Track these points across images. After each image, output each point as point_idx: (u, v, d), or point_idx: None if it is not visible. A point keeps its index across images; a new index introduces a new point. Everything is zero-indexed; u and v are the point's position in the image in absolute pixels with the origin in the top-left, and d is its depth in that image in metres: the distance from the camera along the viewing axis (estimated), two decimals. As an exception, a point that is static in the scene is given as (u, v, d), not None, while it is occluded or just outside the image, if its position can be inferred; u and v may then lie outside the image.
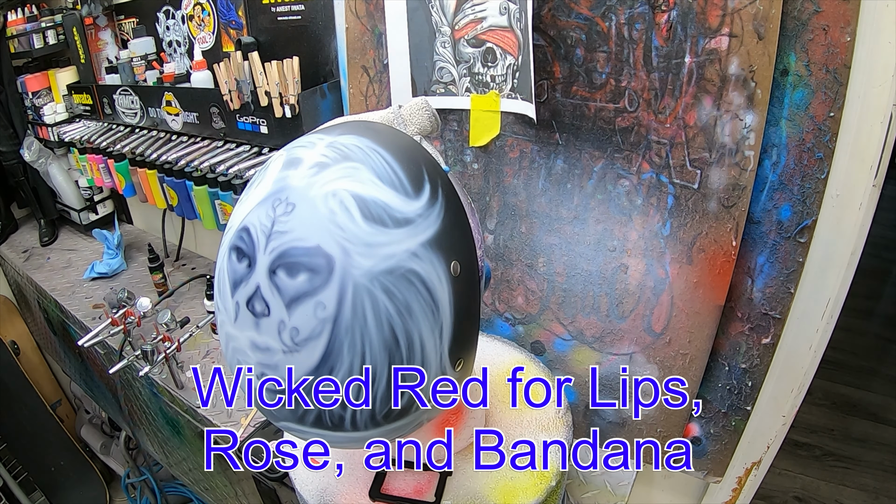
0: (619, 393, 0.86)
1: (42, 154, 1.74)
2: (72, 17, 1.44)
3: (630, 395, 0.80)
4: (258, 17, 1.06)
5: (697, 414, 0.76)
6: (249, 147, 1.13)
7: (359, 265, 0.40)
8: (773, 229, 0.68)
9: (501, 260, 0.91)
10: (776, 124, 0.64)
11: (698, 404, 0.75)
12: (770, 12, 0.59)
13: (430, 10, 0.83)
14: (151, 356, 1.12)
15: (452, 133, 0.89)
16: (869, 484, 1.68)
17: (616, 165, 0.76)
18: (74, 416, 2.16)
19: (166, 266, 1.56)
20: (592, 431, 0.85)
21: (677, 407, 0.76)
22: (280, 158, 0.45)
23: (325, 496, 0.60)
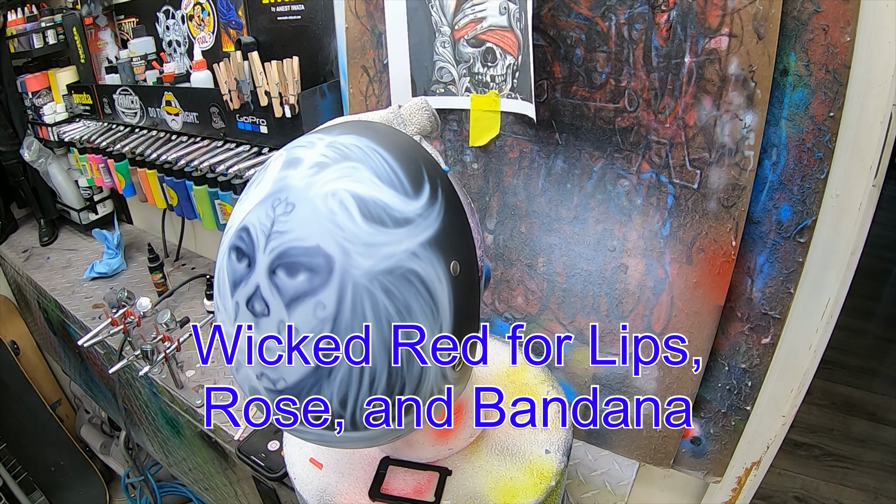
0: (618, 393, 0.86)
1: (42, 154, 1.74)
2: (72, 17, 1.44)
3: (630, 353, 0.79)
4: (258, 17, 1.06)
5: (697, 371, 0.75)
6: (249, 147, 1.13)
7: (358, 265, 0.40)
8: (772, 229, 0.68)
9: (501, 260, 0.91)
10: (776, 124, 0.64)
11: (698, 362, 0.74)
12: (770, 12, 0.59)
13: (429, 10, 0.83)
14: (151, 356, 1.12)
15: (452, 133, 0.89)
16: (869, 484, 1.68)
17: (616, 165, 0.76)
18: (74, 416, 2.16)
19: (166, 266, 1.56)
20: (592, 389, 0.84)
21: (677, 364, 0.75)
22: (280, 158, 0.45)
23: (325, 496, 0.60)
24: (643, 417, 0.85)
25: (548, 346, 0.74)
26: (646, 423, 0.85)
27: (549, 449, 0.63)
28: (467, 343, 0.48)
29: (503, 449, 0.64)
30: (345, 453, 0.65)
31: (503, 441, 0.65)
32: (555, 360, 0.85)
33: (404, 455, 0.63)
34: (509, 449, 0.64)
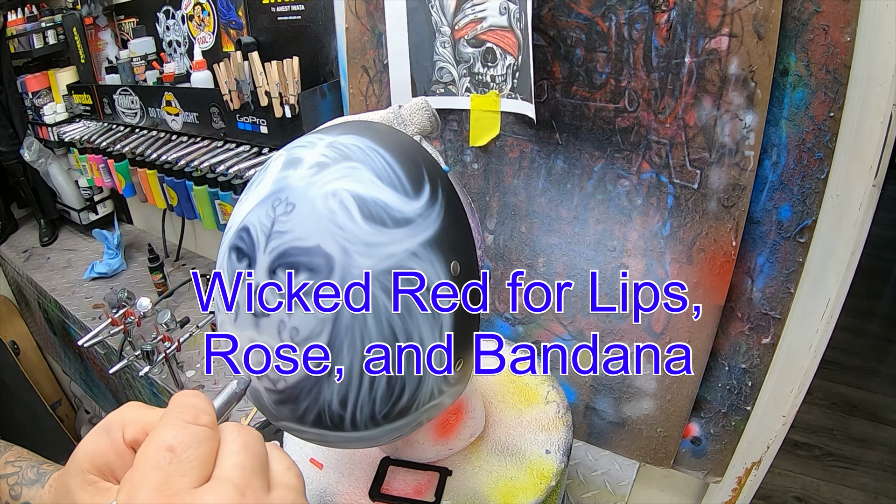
0: (618, 393, 0.86)
1: (42, 154, 1.74)
2: (72, 17, 1.44)
3: (630, 299, 0.78)
4: (258, 17, 1.06)
5: (697, 319, 0.74)
6: (249, 147, 1.13)
7: (358, 265, 0.40)
8: (773, 229, 0.68)
9: (501, 260, 0.91)
10: (776, 124, 0.64)
11: (698, 308, 0.73)
12: (770, 12, 0.59)
13: (430, 10, 0.83)
14: (151, 356, 1.12)
15: (452, 133, 0.89)
16: (869, 484, 1.68)
17: (616, 165, 0.76)
18: (74, 416, 2.16)
19: (166, 266, 1.56)
20: (592, 336, 0.84)
21: (677, 311, 0.74)
22: (280, 158, 0.45)
23: (325, 496, 0.60)
24: (643, 418, 0.85)
25: (547, 292, 0.73)
26: (646, 424, 0.85)
27: (550, 449, 0.63)
28: (467, 343, 0.48)
29: (503, 449, 0.64)
30: (345, 453, 0.65)
31: (503, 441, 0.65)
32: (554, 307, 0.84)
33: (404, 455, 0.63)
34: (509, 449, 0.64)
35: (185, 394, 0.28)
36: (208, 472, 0.25)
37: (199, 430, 0.26)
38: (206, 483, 0.24)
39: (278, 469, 0.28)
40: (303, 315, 0.40)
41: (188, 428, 0.26)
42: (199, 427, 0.26)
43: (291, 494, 0.26)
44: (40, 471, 0.50)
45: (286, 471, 0.28)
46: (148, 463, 0.24)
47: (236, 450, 0.26)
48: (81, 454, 0.27)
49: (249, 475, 0.25)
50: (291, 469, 0.28)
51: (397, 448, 0.62)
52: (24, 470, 0.50)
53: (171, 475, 0.24)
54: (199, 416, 0.26)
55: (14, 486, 0.49)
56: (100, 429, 0.28)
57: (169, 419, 0.26)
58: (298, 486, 0.27)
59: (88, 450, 0.27)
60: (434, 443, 0.62)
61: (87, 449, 0.27)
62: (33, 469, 0.50)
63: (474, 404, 0.65)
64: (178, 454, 0.24)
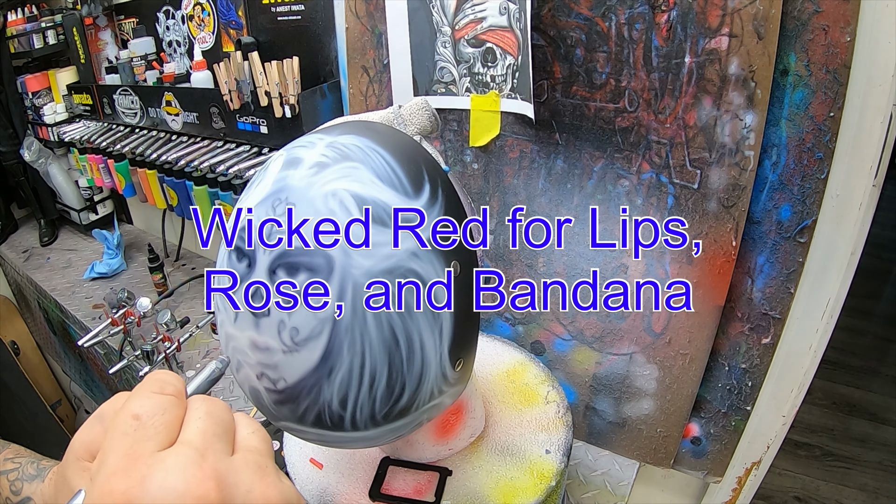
0: (618, 393, 0.86)
1: (42, 154, 1.74)
2: (72, 17, 1.44)
3: (630, 236, 0.78)
4: (258, 17, 1.06)
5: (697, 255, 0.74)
6: (249, 147, 1.13)
7: (358, 265, 0.40)
8: (773, 229, 0.68)
9: (501, 260, 0.91)
10: (776, 124, 0.64)
11: (698, 245, 0.73)
12: (770, 12, 0.59)
13: (430, 10, 0.83)
14: (151, 356, 1.12)
15: (452, 133, 0.89)
16: (869, 484, 1.68)
17: (616, 165, 0.76)
18: (74, 416, 2.16)
19: (166, 266, 1.56)
20: (592, 272, 0.83)
21: (677, 248, 0.74)
22: (280, 158, 0.45)
23: (325, 496, 0.60)
24: (643, 418, 0.85)
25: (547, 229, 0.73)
26: (646, 424, 0.85)
27: (550, 449, 0.63)
28: (467, 343, 0.48)
29: (503, 449, 0.64)
30: (345, 453, 0.65)
31: (503, 441, 0.65)
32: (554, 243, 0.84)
33: (404, 455, 0.63)
34: (509, 449, 0.64)
35: (156, 371, 0.30)
36: (173, 437, 0.26)
37: (165, 399, 0.27)
38: (170, 447, 0.25)
39: (243, 434, 0.28)
40: (303, 315, 0.40)
41: (153, 397, 0.27)
42: (165, 396, 0.27)
43: (254, 456, 0.27)
44: (40, 466, 0.50)
45: (251, 435, 0.28)
46: (116, 430, 0.25)
47: (199, 416, 0.27)
48: (77, 443, 0.28)
49: (211, 438, 0.26)
50: (257, 433, 0.29)
51: (397, 448, 0.62)
52: (24, 466, 0.50)
53: (137, 441, 0.25)
54: (165, 387, 0.28)
55: (14, 482, 0.49)
56: (93, 418, 0.29)
57: (137, 391, 0.28)
58: (262, 448, 0.28)
59: (84, 438, 0.28)
60: (434, 443, 0.62)
61: (83, 438, 0.28)
62: (33, 465, 0.50)
63: (474, 404, 0.65)
64: (143, 421, 0.26)
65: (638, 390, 0.84)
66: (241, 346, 0.43)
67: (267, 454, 0.28)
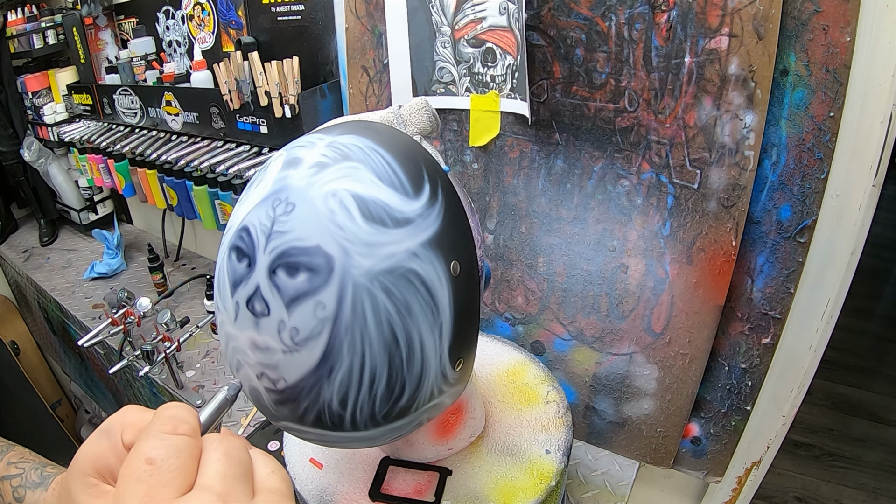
0: (618, 393, 0.86)
1: (42, 154, 1.74)
2: (72, 17, 1.44)
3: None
4: (258, 17, 1.06)
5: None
6: (249, 147, 1.13)
7: (358, 265, 0.40)
8: (772, 229, 0.68)
9: (501, 260, 0.91)
10: (776, 124, 0.64)
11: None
12: (770, 12, 0.59)
13: (430, 10, 0.83)
14: (151, 356, 1.12)
15: (452, 133, 0.89)
16: (869, 484, 1.68)
17: (616, 165, 0.76)
18: (74, 416, 2.16)
19: (166, 266, 1.56)
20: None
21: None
22: (280, 158, 0.45)
23: (325, 496, 0.60)
24: (643, 417, 0.85)
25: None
26: (646, 424, 0.85)
27: (550, 449, 0.63)
28: (467, 343, 0.48)
29: (503, 449, 0.64)
30: (345, 453, 0.65)
31: (503, 441, 0.65)
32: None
33: (404, 455, 0.63)
34: (509, 449, 0.64)
35: (168, 406, 0.28)
36: (190, 481, 0.25)
37: (179, 440, 0.26)
38: (189, 492, 0.24)
39: (262, 474, 0.28)
40: (303, 315, 0.40)
41: (167, 439, 0.26)
42: (179, 437, 0.26)
43: (275, 497, 0.26)
44: (44, 473, 0.50)
45: (270, 475, 0.28)
46: (129, 477, 0.24)
47: (218, 458, 0.26)
48: (83, 457, 0.27)
49: (231, 482, 0.25)
50: (276, 473, 0.28)
51: (397, 448, 0.62)
52: (28, 472, 0.50)
53: (153, 487, 0.24)
54: (179, 427, 0.27)
55: (17, 489, 0.49)
56: (100, 432, 0.28)
57: (149, 431, 0.26)
58: (283, 488, 0.27)
59: (89, 453, 0.27)
60: (434, 443, 0.62)
61: (88, 452, 0.27)
62: (37, 472, 0.50)
63: (474, 404, 0.65)
64: (157, 465, 0.24)
65: (638, 390, 0.84)
66: (241, 346, 0.43)
67: (288, 495, 0.27)
